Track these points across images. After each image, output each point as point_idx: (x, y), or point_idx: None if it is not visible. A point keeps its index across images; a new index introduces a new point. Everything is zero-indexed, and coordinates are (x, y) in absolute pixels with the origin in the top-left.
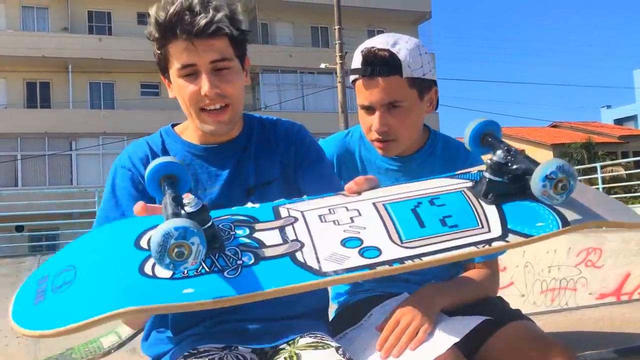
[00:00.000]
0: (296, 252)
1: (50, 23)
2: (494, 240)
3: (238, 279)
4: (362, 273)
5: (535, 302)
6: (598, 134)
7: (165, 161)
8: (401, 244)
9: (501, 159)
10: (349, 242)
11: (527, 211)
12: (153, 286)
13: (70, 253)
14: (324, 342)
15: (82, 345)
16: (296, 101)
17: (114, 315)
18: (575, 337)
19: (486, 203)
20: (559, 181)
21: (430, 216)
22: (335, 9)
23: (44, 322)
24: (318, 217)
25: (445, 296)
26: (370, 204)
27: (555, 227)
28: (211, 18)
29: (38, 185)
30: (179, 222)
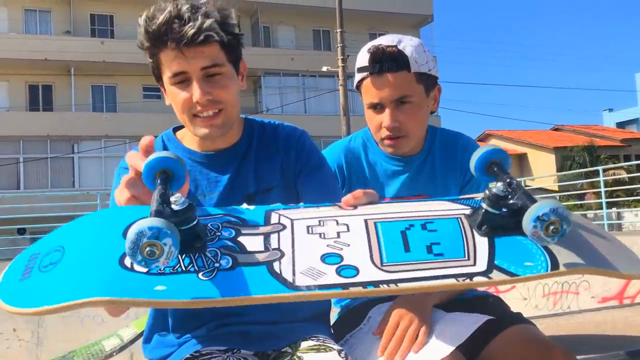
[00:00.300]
0: (274, 262)
1: (53, 26)
2: (476, 275)
3: (211, 282)
4: (334, 292)
5: (537, 305)
6: (600, 137)
7: (161, 156)
8: (381, 266)
9: (500, 191)
10: (328, 258)
11: (519, 248)
12: (128, 279)
13: (63, 234)
14: (326, 345)
15: (84, 348)
16: (298, 104)
17: (85, 302)
18: (577, 340)
19: (479, 234)
20: (551, 223)
21: (417, 241)
22: (337, 12)
23: (22, 300)
24: (306, 228)
25: (435, 295)
26: (362, 220)
27: (544, 269)
28: (199, 26)
29: (40, 188)
30: (154, 222)
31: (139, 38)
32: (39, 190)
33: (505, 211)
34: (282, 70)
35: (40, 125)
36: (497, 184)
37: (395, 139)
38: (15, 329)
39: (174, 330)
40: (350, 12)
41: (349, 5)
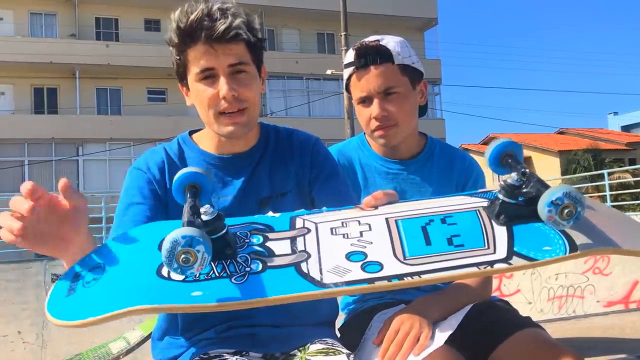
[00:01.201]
0: (302, 263)
1: (58, 29)
2: (496, 262)
3: (244, 285)
4: (360, 287)
5: (542, 309)
6: (605, 141)
7: (189, 172)
8: (404, 260)
9: (515, 181)
10: (353, 256)
11: (537, 234)
12: (166, 287)
13: (101, 252)
14: (334, 349)
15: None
16: (302, 107)
17: (127, 312)
18: (585, 344)
19: (497, 224)
20: (565, 207)
21: (438, 234)
22: (342, 15)
23: (69, 314)
24: (330, 230)
25: (439, 308)
26: (383, 219)
27: (562, 252)
28: (230, 23)
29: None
30: (187, 231)
31: (168, 34)
32: None
33: (521, 200)
34: (286, 74)
35: (45, 128)
36: (512, 175)
37: (384, 128)
38: (19, 331)
39: (184, 332)
40: (354, 15)
41: (354, 9)
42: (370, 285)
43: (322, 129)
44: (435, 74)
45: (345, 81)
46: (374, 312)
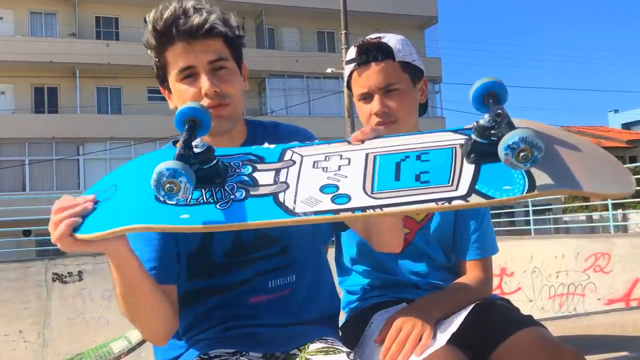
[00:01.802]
0: (279, 193)
1: (58, 28)
2: (455, 199)
3: (226, 210)
4: (327, 217)
5: (543, 307)
6: (606, 139)
7: (188, 107)
8: (371, 194)
9: (486, 122)
10: (326, 189)
11: (501, 173)
12: (160, 210)
13: (116, 175)
14: (335, 347)
15: (92, 350)
16: (302, 106)
17: (124, 229)
18: (586, 342)
19: (468, 162)
20: (521, 151)
21: (408, 171)
22: (342, 13)
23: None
24: (312, 163)
25: (441, 308)
26: (364, 153)
27: (520, 191)
28: (205, 18)
29: (45, 190)
30: (171, 164)
31: (145, 37)
32: (44, 192)
33: (493, 140)
34: (286, 72)
35: (46, 127)
36: (485, 116)
37: (385, 125)
38: (21, 330)
39: (184, 332)
40: (354, 14)
41: (354, 7)
42: (335, 215)
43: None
44: (435, 72)
45: (346, 78)
46: (374, 311)
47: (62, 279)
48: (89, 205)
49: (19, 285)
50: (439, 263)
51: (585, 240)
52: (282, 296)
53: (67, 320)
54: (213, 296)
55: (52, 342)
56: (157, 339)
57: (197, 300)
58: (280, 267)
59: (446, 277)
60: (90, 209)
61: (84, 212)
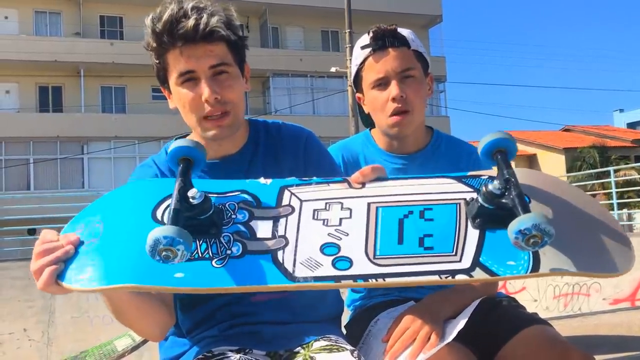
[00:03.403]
0: (278, 251)
1: (63, 28)
2: (459, 273)
3: (222, 269)
4: (327, 284)
5: (548, 307)
6: (611, 138)
7: (181, 146)
8: (373, 259)
9: (495, 189)
10: (327, 249)
11: (506, 246)
12: (151, 267)
13: (103, 205)
14: (338, 345)
15: (95, 348)
16: (306, 105)
17: (114, 288)
18: (593, 342)
19: (472, 226)
20: (532, 237)
21: (412, 232)
22: (346, 12)
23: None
24: (312, 212)
25: (448, 307)
26: (365, 203)
27: (524, 270)
28: (205, 22)
29: (50, 189)
30: (169, 231)
31: (145, 39)
32: (48, 191)
33: (500, 206)
34: (290, 71)
35: (50, 126)
36: (495, 182)
37: (401, 115)
38: (25, 329)
39: (188, 330)
40: (358, 13)
41: (358, 6)
42: (336, 283)
43: (327, 126)
44: (440, 71)
45: (357, 67)
46: (380, 309)
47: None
48: (71, 250)
49: (23, 283)
50: None
51: None
52: (286, 296)
53: (71, 318)
54: (217, 298)
55: (57, 340)
56: (152, 337)
57: (201, 303)
58: None
59: None
60: (73, 253)
61: (66, 256)
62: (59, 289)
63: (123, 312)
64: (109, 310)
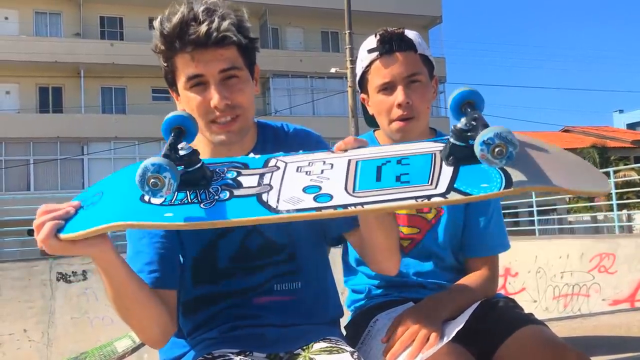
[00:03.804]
0: (263, 194)
1: (63, 28)
2: (434, 196)
3: (210, 209)
4: (309, 214)
5: (548, 308)
6: (610, 139)
7: (175, 115)
8: (352, 193)
9: (463, 125)
10: (309, 189)
11: (479, 173)
12: (144, 209)
13: (105, 182)
14: (338, 347)
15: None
16: (306, 106)
17: (107, 227)
18: (592, 343)
19: (447, 165)
20: (496, 146)
21: (389, 173)
22: (346, 13)
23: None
24: (296, 168)
25: (447, 308)
26: (346, 160)
27: (497, 187)
28: (217, 27)
29: (50, 190)
30: (156, 159)
31: (154, 41)
32: (48, 191)
33: (471, 143)
34: (290, 72)
35: (50, 127)
36: (462, 120)
37: (406, 121)
38: (25, 329)
39: (188, 332)
40: (358, 14)
41: (358, 7)
42: (317, 212)
43: (326, 127)
44: (440, 72)
45: (363, 69)
46: (380, 310)
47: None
48: (72, 210)
49: (23, 284)
50: (447, 264)
51: (590, 240)
52: (287, 300)
53: (71, 319)
54: (219, 302)
55: (57, 341)
56: (152, 341)
57: (203, 306)
58: (286, 272)
59: (453, 277)
60: (73, 212)
61: (66, 215)
62: (57, 243)
63: (129, 311)
64: (111, 307)
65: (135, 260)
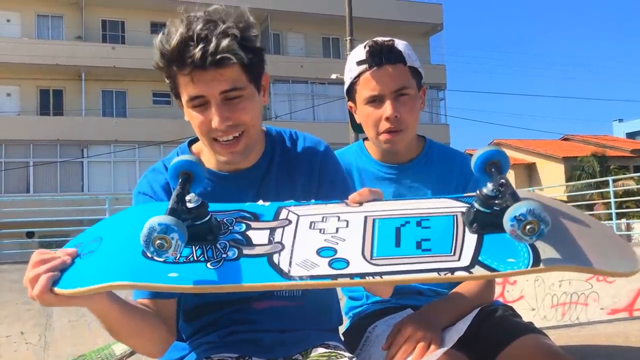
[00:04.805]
0: (274, 254)
1: (65, 31)
2: (457, 270)
3: (217, 270)
4: (323, 282)
5: (546, 316)
6: (610, 148)
7: (183, 160)
8: (370, 259)
9: (489, 191)
10: (323, 252)
11: (505, 245)
12: (146, 267)
13: (102, 227)
14: (337, 352)
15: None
16: (307, 111)
17: (107, 287)
18: (589, 352)
19: (470, 232)
20: (528, 223)
21: (409, 237)
22: (347, 19)
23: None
24: (309, 223)
25: (447, 315)
26: (362, 216)
27: (525, 265)
28: (215, 47)
29: (49, 192)
30: (164, 219)
31: (154, 59)
32: (48, 194)
33: (496, 210)
34: (291, 78)
35: (51, 129)
36: (488, 185)
37: (394, 133)
38: (22, 332)
39: (186, 335)
40: (360, 20)
41: (359, 13)
42: (332, 281)
43: (326, 133)
44: (440, 79)
45: (351, 80)
46: (378, 317)
47: None
48: (68, 259)
49: (21, 286)
50: None
51: None
52: (287, 306)
53: (68, 322)
54: (219, 310)
55: (54, 343)
56: (150, 355)
57: (204, 313)
58: None
59: (450, 283)
60: (70, 262)
61: (62, 266)
62: (53, 297)
63: (115, 330)
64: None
65: None
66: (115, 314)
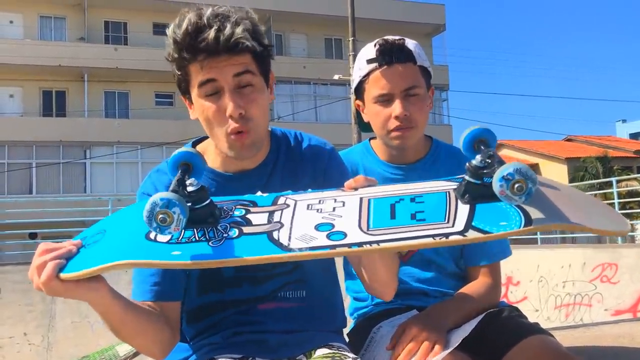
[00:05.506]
0: (274, 231)
1: (67, 33)
2: (452, 234)
3: (219, 247)
4: (322, 252)
5: (549, 317)
6: (613, 149)
7: (183, 151)
8: (367, 230)
9: (479, 163)
10: (321, 227)
11: (497, 211)
12: (151, 247)
13: (107, 221)
14: (340, 353)
15: (97, 353)
16: (309, 112)
17: (114, 265)
18: (595, 353)
19: (463, 203)
20: (516, 182)
21: (404, 210)
22: (350, 20)
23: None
24: (306, 205)
25: (452, 317)
26: (358, 197)
27: (517, 225)
28: (231, 33)
29: (52, 193)
30: (165, 194)
31: (167, 49)
32: (50, 195)
33: (486, 180)
34: (293, 78)
35: (53, 130)
36: (477, 157)
37: (404, 129)
38: (25, 333)
39: (191, 336)
40: (362, 21)
41: (361, 14)
42: (331, 250)
43: (329, 134)
44: (443, 80)
45: (360, 78)
46: (383, 317)
47: None
48: (74, 249)
49: (24, 287)
50: (449, 271)
51: (592, 250)
52: (291, 307)
53: (71, 323)
54: (223, 310)
55: (57, 344)
56: (153, 356)
57: (207, 314)
58: (291, 281)
59: (455, 284)
60: (75, 251)
61: (68, 254)
62: (60, 285)
63: (119, 329)
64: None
65: (139, 272)
66: (117, 310)
